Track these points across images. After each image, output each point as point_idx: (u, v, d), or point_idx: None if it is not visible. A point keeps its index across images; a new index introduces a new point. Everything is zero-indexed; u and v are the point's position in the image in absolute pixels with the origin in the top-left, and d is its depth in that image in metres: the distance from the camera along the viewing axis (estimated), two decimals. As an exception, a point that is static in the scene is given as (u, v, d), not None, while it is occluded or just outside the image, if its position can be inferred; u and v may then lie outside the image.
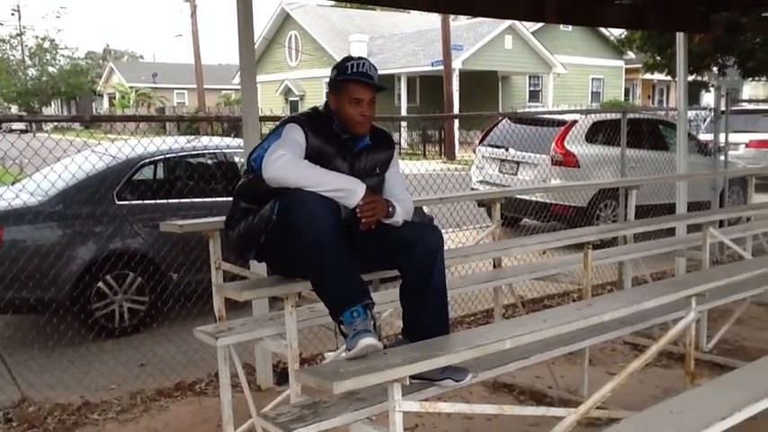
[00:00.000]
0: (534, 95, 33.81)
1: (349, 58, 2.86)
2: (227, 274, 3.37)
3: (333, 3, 39.69)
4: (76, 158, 5.95)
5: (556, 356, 3.32)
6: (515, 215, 9.06)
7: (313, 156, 2.73)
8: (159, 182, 5.99)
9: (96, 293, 5.47)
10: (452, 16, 27.05)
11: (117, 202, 5.57)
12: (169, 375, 4.63)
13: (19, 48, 55.72)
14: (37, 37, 55.24)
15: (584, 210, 8.38)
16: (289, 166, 2.61)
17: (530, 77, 33.76)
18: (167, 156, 5.98)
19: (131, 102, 49.46)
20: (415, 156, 23.16)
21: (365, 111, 2.79)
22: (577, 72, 33.68)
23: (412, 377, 2.64)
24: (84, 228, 5.39)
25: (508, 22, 28.37)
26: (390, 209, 2.74)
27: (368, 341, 2.36)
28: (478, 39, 29.11)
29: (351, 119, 2.80)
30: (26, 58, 55.97)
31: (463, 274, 5.38)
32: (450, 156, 22.91)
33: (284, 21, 34.78)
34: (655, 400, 4.17)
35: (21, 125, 39.02)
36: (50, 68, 56.76)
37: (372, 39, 33.28)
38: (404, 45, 31.99)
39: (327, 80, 2.92)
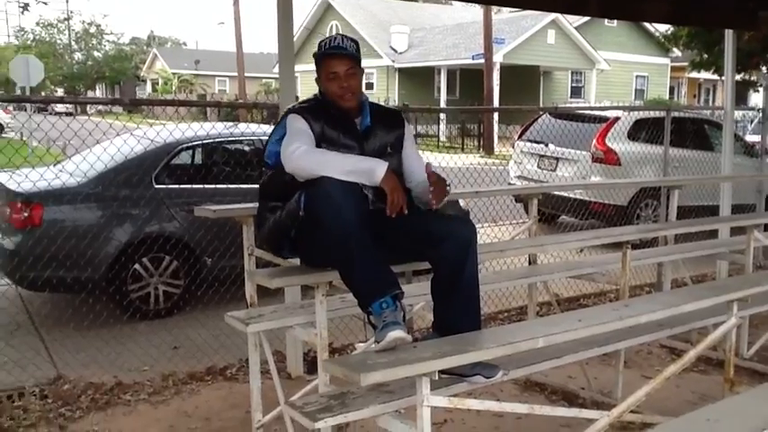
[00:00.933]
0: (576, 91, 33.34)
1: (324, 38, 2.89)
2: (259, 261, 3.36)
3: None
4: (116, 141, 6.05)
5: (590, 357, 3.25)
6: (553, 212, 8.94)
7: (320, 141, 2.73)
8: (197, 167, 6.03)
9: (132, 275, 5.53)
10: (495, 9, 26.80)
11: (155, 186, 5.62)
12: (201, 359, 4.67)
13: (66, 32, 56.85)
14: (83, 22, 56.36)
15: (624, 209, 8.21)
16: (307, 155, 2.61)
17: (572, 73, 33.29)
18: (205, 141, 6.02)
19: (174, 88, 50.09)
20: (453, 149, 23.04)
21: (342, 83, 2.78)
22: (621, 69, 33.09)
23: (441, 372, 2.60)
24: (121, 210, 5.45)
25: (551, 17, 27.98)
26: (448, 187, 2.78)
27: (396, 334, 2.33)
28: (521, 32, 28.77)
29: (333, 95, 2.80)
30: (72, 43, 57.10)
31: (498, 269, 5.31)
32: (489, 150, 22.72)
33: (325, 11, 34.84)
34: (691, 406, 4.06)
35: (64, 108, 39.85)
36: (96, 53, 57.86)
37: (413, 30, 33.14)
38: (445, 37, 31.79)
39: (366, 71, 2.90)
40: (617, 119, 8.49)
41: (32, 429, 3.72)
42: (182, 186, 5.71)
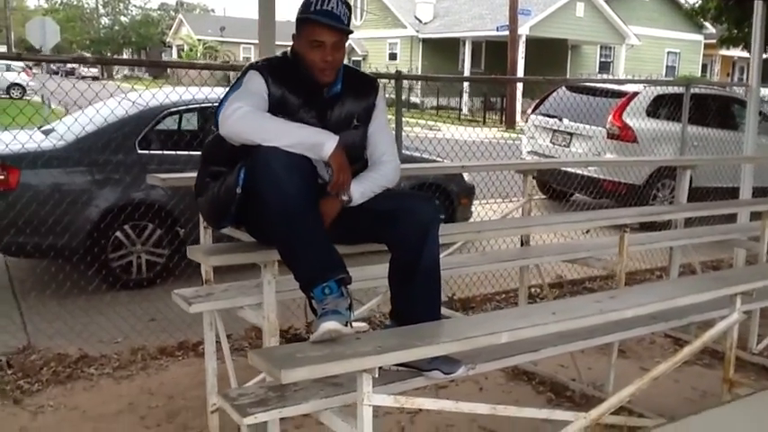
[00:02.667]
0: (605, 66, 32.51)
1: None
2: (224, 235, 3.10)
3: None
4: (109, 103, 5.81)
5: (571, 351, 2.95)
6: (564, 189, 8.57)
7: (276, 106, 2.38)
8: (182, 132, 5.77)
9: (113, 243, 5.33)
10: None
11: (138, 151, 5.38)
12: (174, 333, 4.45)
13: (93, -4, 56.78)
14: (111, -15, 56.09)
15: (638, 188, 7.82)
16: (246, 119, 2.26)
17: (601, 48, 32.46)
18: (191, 106, 5.73)
19: (198, 54, 49.85)
20: (474, 122, 22.58)
21: (327, 55, 2.39)
22: (652, 44, 32.17)
23: (398, 365, 2.34)
24: (101, 175, 5.23)
25: (581, -12, 27.17)
26: (345, 194, 2.37)
27: (331, 325, 2.05)
28: (549, 5, 28.00)
29: (312, 64, 2.41)
30: (99, 7, 57.02)
31: (488, 249, 5.01)
32: (510, 124, 22.23)
33: (351, -22, 34.27)
34: (689, 404, 3.77)
35: (92, 72, 39.68)
36: (122, 18, 57.75)
37: (439, 1, 32.46)
38: (471, 8, 31.08)
39: (390, 41, 2.55)
40: (635, 94, 8.06)
41: (-16, 402, 3.54)
42: (166, 152, 5.45)
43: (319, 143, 2.27)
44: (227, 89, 2.47)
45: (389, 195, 2.48)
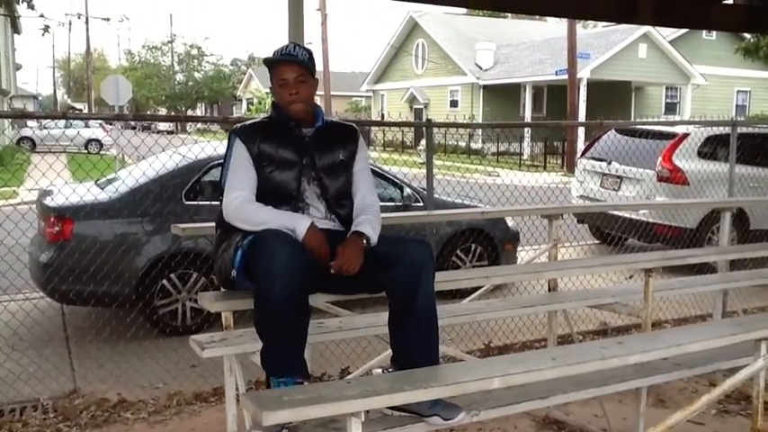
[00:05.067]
0: (671, 108, 31.86)
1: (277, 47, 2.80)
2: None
3: (462, 11, 39.40)
4: (161, 158, 6.11)
5: (584, 397, 2.90)
6: (617, 233, 8.42)
7: (258, 161, 2.64)
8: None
9: (160, 291, 5.54)
10: (583, 23, 26.02)
11: (185, 202, 5.63)
12: (209, 379, 4.57)
13: (169, 54, 59.62)
14: (185, 44, 58.83)
15: (691, 232, 7.61)
16: (240, 210, 2.60)
17: (666, 88, 31.87)
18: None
19: (266, 107, 51.49)
20: (534, 167, 22.44)
21: (292, 89, 2.67)
22: (720, 83, 31.40)
23: (395, 408, 2.38)
24: (151, 225, 5.48)
25: (642, 30, 26.90)
26: (364, 241, 2.56)
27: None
28: (610, 47, 27.80)
29: (282, 102, 2.70)
30: (175, 64, 59.80)
31: (517, 296, 4.97)
32: (571, 168, 21.97)
33: (412, 29, 34.92)
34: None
35: (166, 126, 41.61)
36: (196, 74, 60.32)
37: (499, 47, 32.68)
38: (531, 53, 31.16)
39: (451, 88, 2.81)
40: (686, 135, 7.90)
41: (25, 444, 3.72)
42: (211, 203, 5.66)
43: (294, 227, 2.50)
44: (224, 157, 2.74)
45: (385, 240, 2.56)
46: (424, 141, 5.48)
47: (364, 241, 2.52)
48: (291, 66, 2.68)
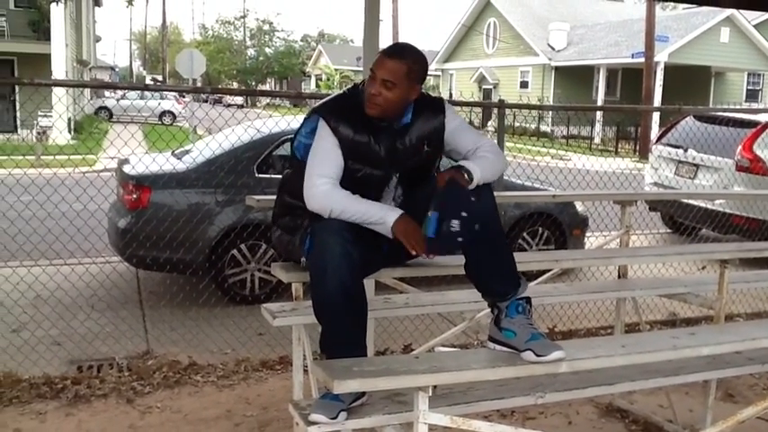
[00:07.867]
0: (752, 95, 30.59)
1: None
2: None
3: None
4: (236, 130, 6.27)
5: (651, 387, 2.87)
6: (690, 223, 8.17)
7: (348, 151, 2.56)
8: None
9: (231, 260, 5.70)
10: (662, 4, 25.14)
11: (257, 175, 5.75)
12: (276, 348, 4.70)
13: (241, 29, 60.58)
14: (258, 19, 59.63)
15: (769, 224, 7.33)
16: (326, 199, 2.51)
17: (748, 75, 30.55)
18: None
19: (335, 83, 51.79)
20: (606, 152, 21.93)
21: (375, 88, 2.51)
22: (808, 70, 29.93)
23: (494, 340, 2.39)
24: (224, 196, 5.63)
25: (725, 13, 25.82)
26: (465, 174, 2.48)
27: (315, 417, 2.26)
28: (690, 30, 26.80)
29: (365, 96, 2.56)
30: (247, 39, 60.74)
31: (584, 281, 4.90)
32: (644, 154, 21.37)
33: (484, 7, 34.41)
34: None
35: (237, 100, 42.31)
36: (267, 49, 61.15)
37: (573, 28, 31.91)
38: (606, 35, 30.31)
39: (522, 69, 2.74)
40: (768, 124, 7.59)
41: (103, 399, 3.91)
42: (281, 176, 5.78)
43: (382, 220, 2.49)
44: (301, 125, 2.69)
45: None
46: (491, 122, 5.43)
47: (465, 174, 2.48)
48: (385, 63, 2.52)
